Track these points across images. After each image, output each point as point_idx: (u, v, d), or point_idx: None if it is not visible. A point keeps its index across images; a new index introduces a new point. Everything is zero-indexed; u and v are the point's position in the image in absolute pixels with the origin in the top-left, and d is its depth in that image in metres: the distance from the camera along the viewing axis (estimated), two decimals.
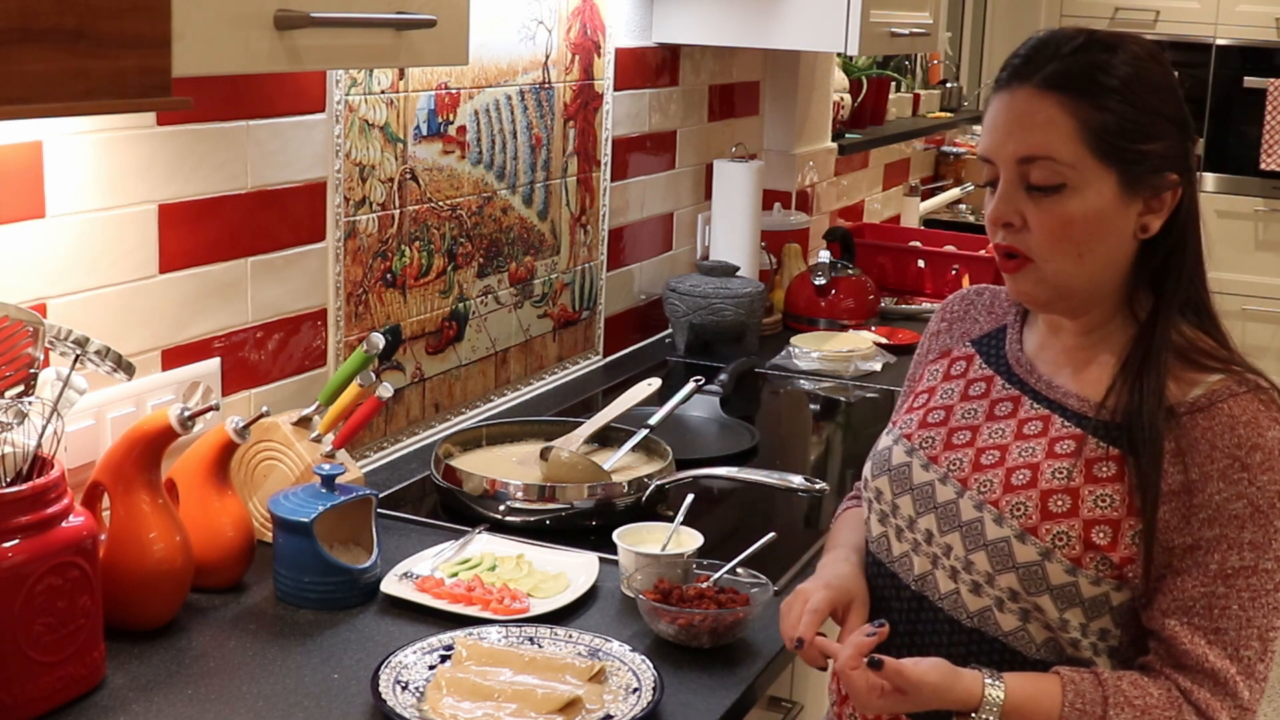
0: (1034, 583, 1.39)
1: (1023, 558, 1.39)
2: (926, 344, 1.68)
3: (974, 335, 1.61)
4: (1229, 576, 1.35)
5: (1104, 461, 1.40)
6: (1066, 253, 1.40)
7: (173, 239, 1.84)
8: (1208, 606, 1.35)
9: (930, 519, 1.47)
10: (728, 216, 3.20)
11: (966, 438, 1.50)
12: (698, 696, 1.58)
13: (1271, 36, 6.11)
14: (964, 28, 5.99)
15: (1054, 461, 1.42)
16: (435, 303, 2.38)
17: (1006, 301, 1.61)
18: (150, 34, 1.16)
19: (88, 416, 1.73)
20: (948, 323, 1.66)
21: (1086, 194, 1.38)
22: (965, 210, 5.09)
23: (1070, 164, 1.37)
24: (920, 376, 1.64)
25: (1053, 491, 1.40)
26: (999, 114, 1.42)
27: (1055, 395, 1.47)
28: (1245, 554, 1.35)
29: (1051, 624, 1.40)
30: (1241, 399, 1.37)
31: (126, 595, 1.62)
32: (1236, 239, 6.21)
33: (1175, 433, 1.37)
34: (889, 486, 1.53)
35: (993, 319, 1.61)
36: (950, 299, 1.69)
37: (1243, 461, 1.35)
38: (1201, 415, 1.37)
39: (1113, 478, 1.39)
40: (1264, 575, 1.35)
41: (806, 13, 2.91)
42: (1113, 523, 1.38)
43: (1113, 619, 1.40)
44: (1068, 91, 1.38)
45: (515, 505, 2.02)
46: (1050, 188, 1.38)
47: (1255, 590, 1.35)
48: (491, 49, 2.42)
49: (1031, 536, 1.39)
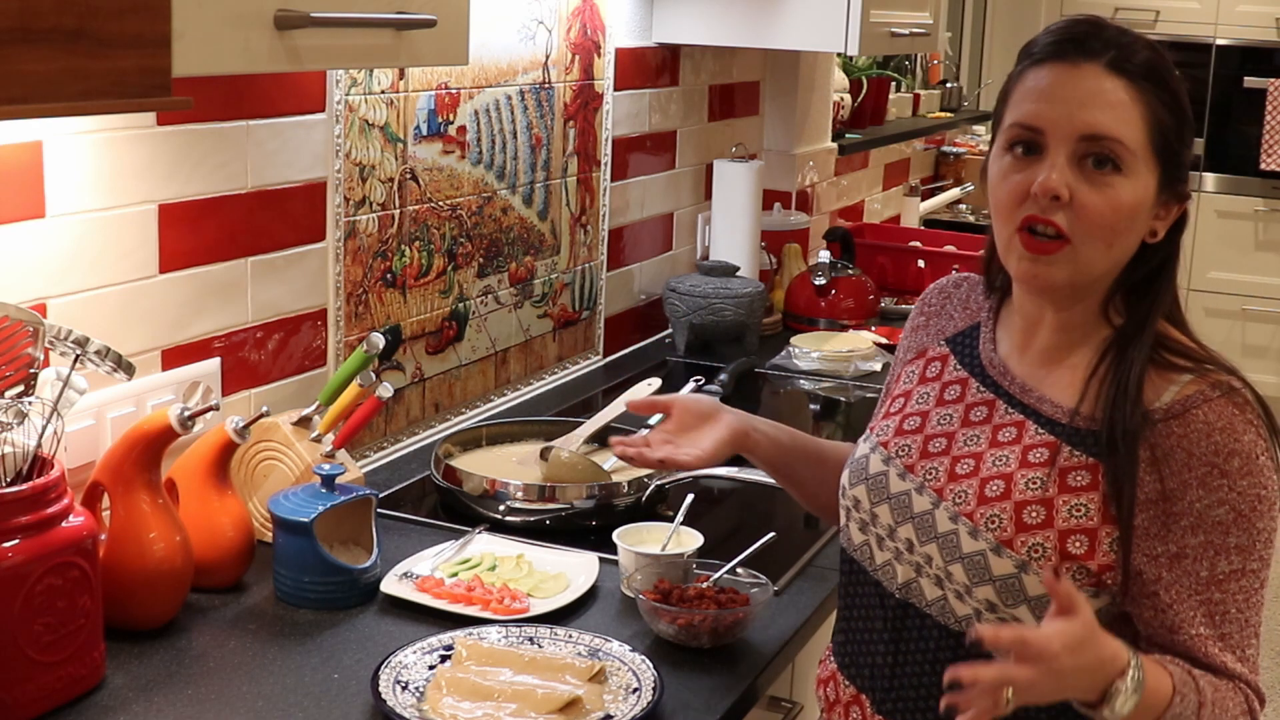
0: (1011, 595, 1.38)
1: (999, 570, 1.38)
2: (906, 340, 1.66)
3: (948, 333, 1.59)
4: (1221, 582, 1.35)
5: (1078, 470, 1.39)
6: (1103, 238, 1.38)
7: (173, 239, 1.84)
8: (1209, 615, 1.35)
9: (909, 528, 1.46)
10: (728, 216, 3.20)
11: (942, 445, 1.48)
12: (698, 696, 1.58)
13: (1271, 36, 6.12)
14: (964, 28, 5.99)
15: (1028, 471, 1.40)
16: (435, 303, 2.38)
17: (982, 295, 1.58)
18: (150, 34, 1.16)
19: (88, 416, 1.73)
20: (925, 318, 1.64)
21: (1136, 184, 1.37)
22: (965, 210, 5.09)
23: (1133, 150, 1.36)
24: (898, 377, 1.62)
25: (1027, 503, 1.38)
26: (1059, 85, 1.38)
27: (1029, 400, 1.46)
28: (1233, 558, 1.35)
29: None
30: (1215, 404, 1.35)
31: (126, 595, 1.62)
32: (1236, 239, 6.21)
33: (1150, 440, 1.36)
34: (866, 495, 1.52)
35: (967, 315, 1.59)
36: (929, 291, 1.66)
37: (1221, 468, 1.34)
38: (1176, 422, 1.35)
39: (1088, 486, 1.38)
40: (1251, 575, 1.36)
41: (806, 13, 2.91)
42: (1089, 532, 1.36)
43: None
44: (1138, 80, 1.37)
45: (515, 505, 2.02)
46: (1111, 168, 1.36)
47: (1247, 591, 1.36)
48: (491, 49, 2.42)
49: (1007, 550, 1.37)
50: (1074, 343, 1.46)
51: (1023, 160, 1.39)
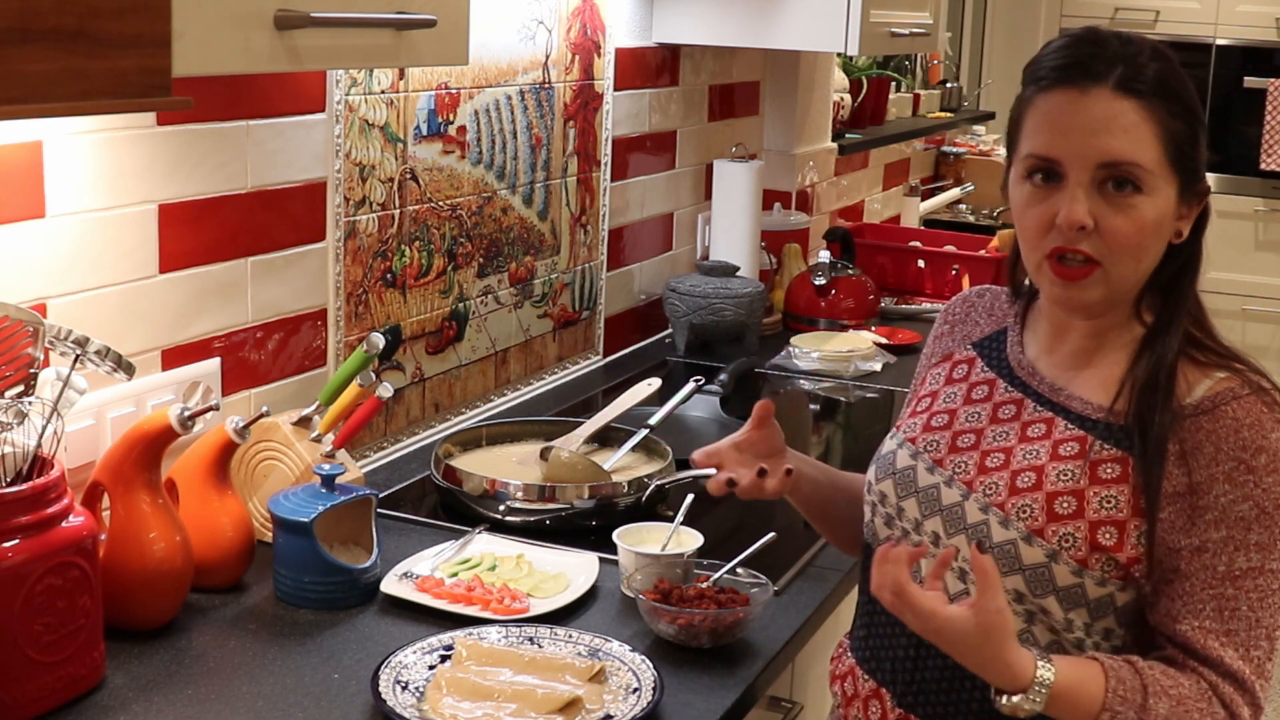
0: (1040, 584, 1.39)
1: (1029, 560, 1.39)
2: (930, 347, 1.68)
3: (975, 338, 1.61)
4: (1237, 578, 1.36)
5: (1109, 463, 1.40)
6: (1133, 256, 1.39)
7: (173, 239, 1.84)
8: (1218, 609, 1.35)
9: (936, 521, 1.47)
10: (728, 216, 3.20)
11: (971, 441, 1.50)
12: (698, 696, 1.58)
13: (1271, 36, 6.11)
14: (964, 28, 5.99)
15: (1059, 464, 1.42)
16: (435, 303, 2.38)
17: (1006, 304, 1.61)
18: (150, 34, 1.16)
19: (88, 416, 1.73)
20: (950, 325, 1.66)
21: (1157, 200, 1.38)
22: (965, 210, 5.09)
23: (1150, 169, 1.37)
24: (924, 380, 1.64)
25: (1058, 493, 1.40)
26: (1070, 114, 1.38)
27: (1059, 398, 1.47)
28: (1252, 555, 1.35)
29: (1056, 625, 1.40)
30: (1245, 401, 1.37)
31: (126, 595, 1.62)
32: (1236, 239, 6.21)
33: (1179, 434, 1.38)
34: (894, 490, 1.53)
35: (993, 321, 1.61)
36: (953, 301, 1.69)
37: (1248, 464, 1.35)
38: (1205, 418, 1.37)
39: (1118, 479, 1.39)
40: (1270, 575, 1.36)
41: (806, 13, 2.91)
42: (1118, 524, 1.38)
43: (1117, 619, 1.40)
44: (1147, 97, 1.37)
45: (515, 505, 2.02)
46: (1132, 191, 1.37)
47: (1263, 591, 1.36)
48: (491, 49, 2.42)
49: (1038, 538, 1.39)
50: (1104, 345, 1.47)
51: (1043, 189, 1.40)
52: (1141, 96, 1.37)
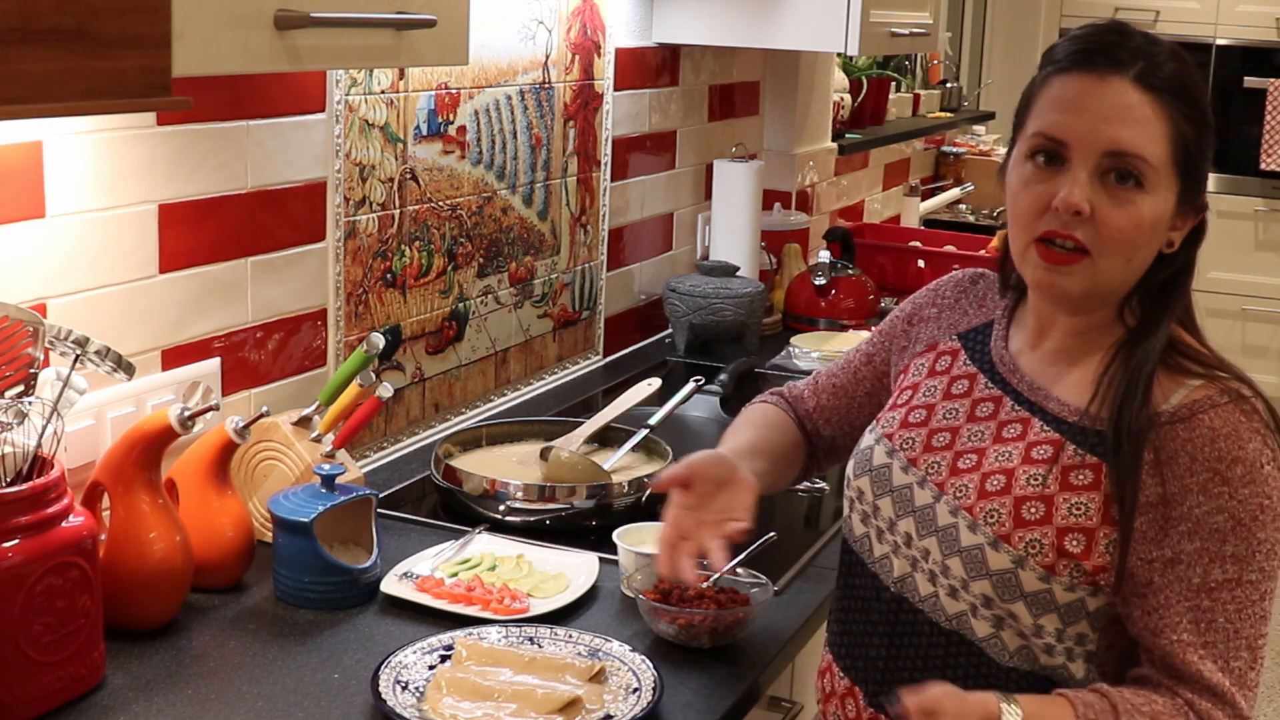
0: (1007, 590, 1.38)
1: (995, 565, 1.38)
2: (911, 319, 1.66)
3: (961, 328, 1.59)
4: (1213, 590, 1.33)
5: (1080, 469, 1.38)
6: (1122, 252, 1.37)
7: (173, 239, 1.84)
8: (1194, 621, 1.33)
9: (909, 522, 1.47)
10: (728, 216, 3.20)
11: (946, 439, 1.48)
12: (698, 696, 1.58)
13: (1271, 36, 6.12)
14: (964, 28, 5.99)
15: (1030, 467, 1.40)
16: (435, 303, 2.38)
17: (997, 295, 1.59)
18: (150, 34, 1.16)
19: (88, 416, 1.73)
20: (938, 309, 1.64)
21: (1156, 200, 1.37)
22: (965, 210, 5.09)
23: (1155, 167, 1.36)
24: (906, 368, 1.62)
25: (1026, 498, 1.38)
26: (1085, 97, 1.37)
27: (1037, 398, 1.46)
28: (1228, 567, 1.33)
29: (1026, 631, 1.39)
30: (1222, 410, 1.35)
31: (126, 595, 1.62)
32: (1236, 239, 6.21)
33: (1155, 443, 1.35)
34: (870, 488, 1.52)
35: (982, 313, 1.59)
36: (944, 282, 1.66)
37: (1223, 475, 1.33)
38: (1181, 426, 1.35)
39: (1089, 486, 1.37)
40: (1248, 587, 1.34)
41: (806, 13, 2.91)
42: (1087, 531, 1.36)
43: (1090, 624, 1.39)
44: (1164, 95, 1.36)
45: (515, 505, 2.02)
46: (1133, 186, 1.36)
47: (1240, 602, 1.34)
48: (491, 49, 2.42)
49: (1004, 544, 1.37)
50: (1086, 345, 1.45)
51: (1044, 170, 1.39)
52: (1159, 93, 1.35)
